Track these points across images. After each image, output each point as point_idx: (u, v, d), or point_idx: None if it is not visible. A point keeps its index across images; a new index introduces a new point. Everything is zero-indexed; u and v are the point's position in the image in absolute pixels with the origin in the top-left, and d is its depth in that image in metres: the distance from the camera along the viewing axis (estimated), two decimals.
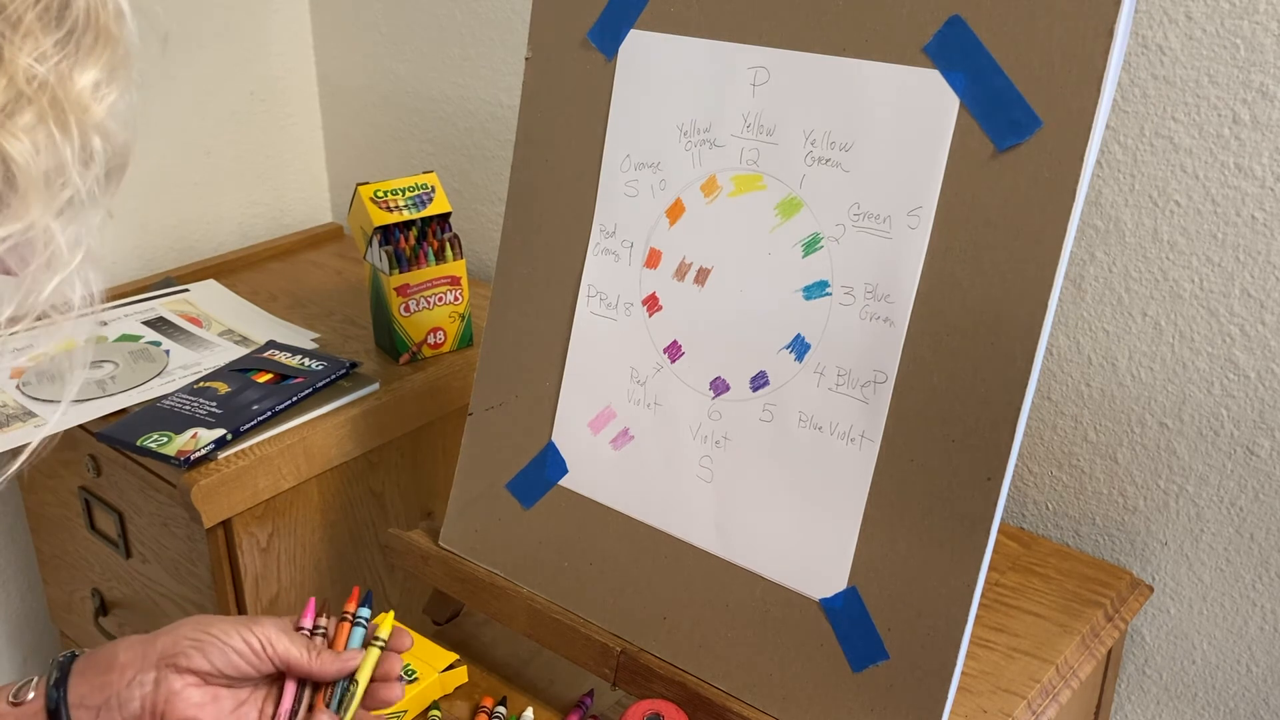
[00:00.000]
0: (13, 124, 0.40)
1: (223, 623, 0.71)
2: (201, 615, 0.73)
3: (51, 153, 0.41)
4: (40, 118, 0.40)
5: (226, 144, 1.54)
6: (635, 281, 0.88)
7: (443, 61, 1.46)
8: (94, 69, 0.42)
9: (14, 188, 0.41)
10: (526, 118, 0.94)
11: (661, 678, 0.84)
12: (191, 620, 0.72)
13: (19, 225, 0.41)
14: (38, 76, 0.40)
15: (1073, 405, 1.03)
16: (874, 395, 0.77)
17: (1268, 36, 0.85)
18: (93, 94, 0.42)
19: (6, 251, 0.42)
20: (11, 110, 0.40)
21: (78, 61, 0.41)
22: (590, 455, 0.90)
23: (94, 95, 0.42)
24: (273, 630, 0.71)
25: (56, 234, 0.43)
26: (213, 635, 0.70)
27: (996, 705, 0.84)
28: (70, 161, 0.42)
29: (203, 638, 0.70)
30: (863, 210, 0.77)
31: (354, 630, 0.74)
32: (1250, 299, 0.91)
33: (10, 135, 0.40)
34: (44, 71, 0.40)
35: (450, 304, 1.23)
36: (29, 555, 1.48)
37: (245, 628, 0.71)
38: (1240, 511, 0.96)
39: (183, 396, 1.13)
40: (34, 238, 0.42)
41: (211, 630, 0.70)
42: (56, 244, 0.43)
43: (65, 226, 0.43)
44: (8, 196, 0.41)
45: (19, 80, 0.39)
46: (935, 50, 0.74)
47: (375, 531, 1.21)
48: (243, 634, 0.70)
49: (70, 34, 0.40)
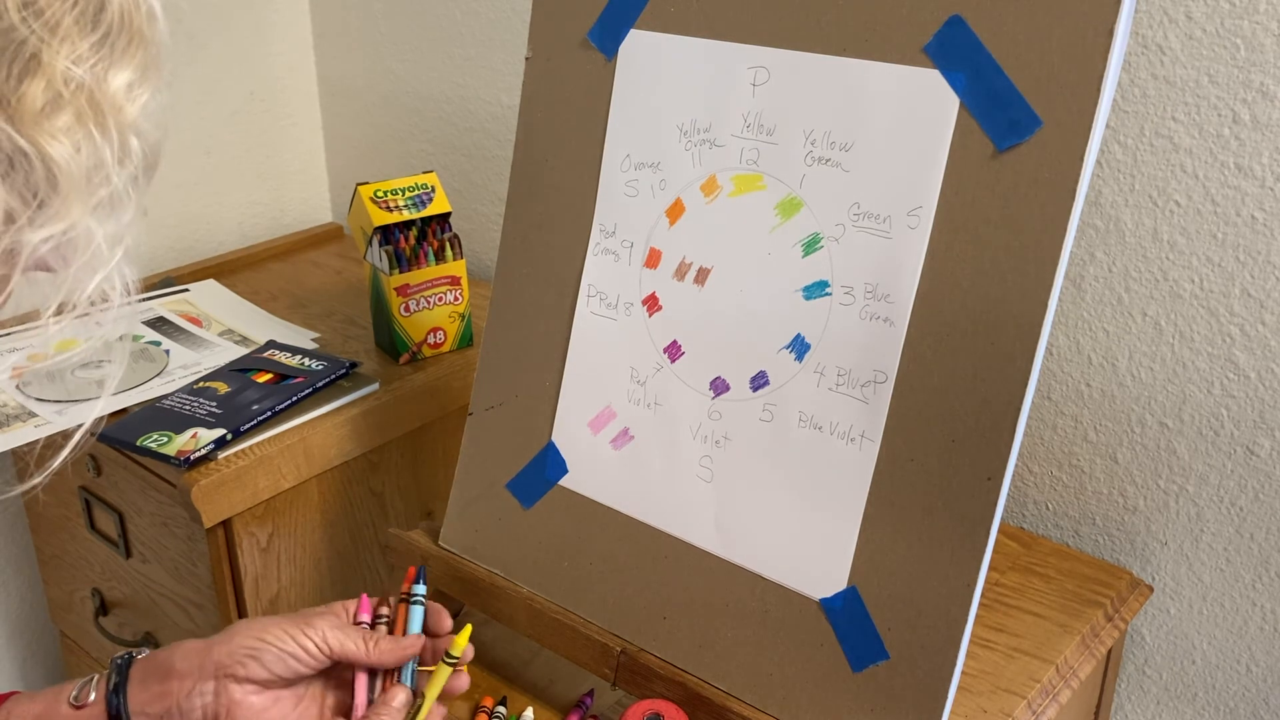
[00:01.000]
0: (52, 125, 0.40)
1: (276, 627, 0.71)
2: (254, 620, 0.73)
3: (90, 152, 0.42)
4: (78, 118, 0.41)
5: (226, 144, 1.54)
6: (635, 281, 0.88)
7: (443, 61, 1.46)
8: (128, 70, 0.42)
9: (55, 188, 0.41)
10: (526, 118, 0.94)
11: (661, 678, 0.84)
12: (245, 626, 0.72)
13: (61, 225, 0.42)
14: (75, 78, 0.40)
15: (1073, 405, 1.03)
16: (874, 395, 0.77)
17: (1268, 36, 0.85)
18: (127, 94, 0.43)
19: (49, 251, 0.43)
20: (50, 111, 0.40)
21: (113, 63, 0.42)
22: (590, 455, 0.90)
23: (128, 95, 0.43)
24: (327, 628, 0.72)
25: (96, 232, 0.44)
26: (268, 643, 0.70)
27: (996, 705, 0.84)
28: (109, 160, 0.43)
29: (258, 646, 0.70)
30: (863, 210, 0.77)
31: (413, 610, 0.74)
32: (1250, 299, 0.91)
33: (50, 136, 0.40)
34: (81, 73, 0.41)
35: (450, 304, 1.23)
36: (29, 555, 1.48)
37: (300, 630, 0.71)
38: (1240, 511, 0.96)
39: (183, 396, 1.13)
40: (75, 237, 0.43)
41: (266, 637, 0.70)
42: (97, 242, 0.44)
43: (104, 224, 0.44)
44: (50, 197, 0.41)
45: (57, 82, 0.40)
46: (935, 50, 0.74)
47: (375, 531, 1.21)
48: (297, 638, 0.71)
49: (105, 37, 0.41)
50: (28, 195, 0.41)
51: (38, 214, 0.41)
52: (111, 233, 0.45)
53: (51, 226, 0.42)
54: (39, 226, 0.42)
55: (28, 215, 0.41)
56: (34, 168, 0.41)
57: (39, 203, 0.41)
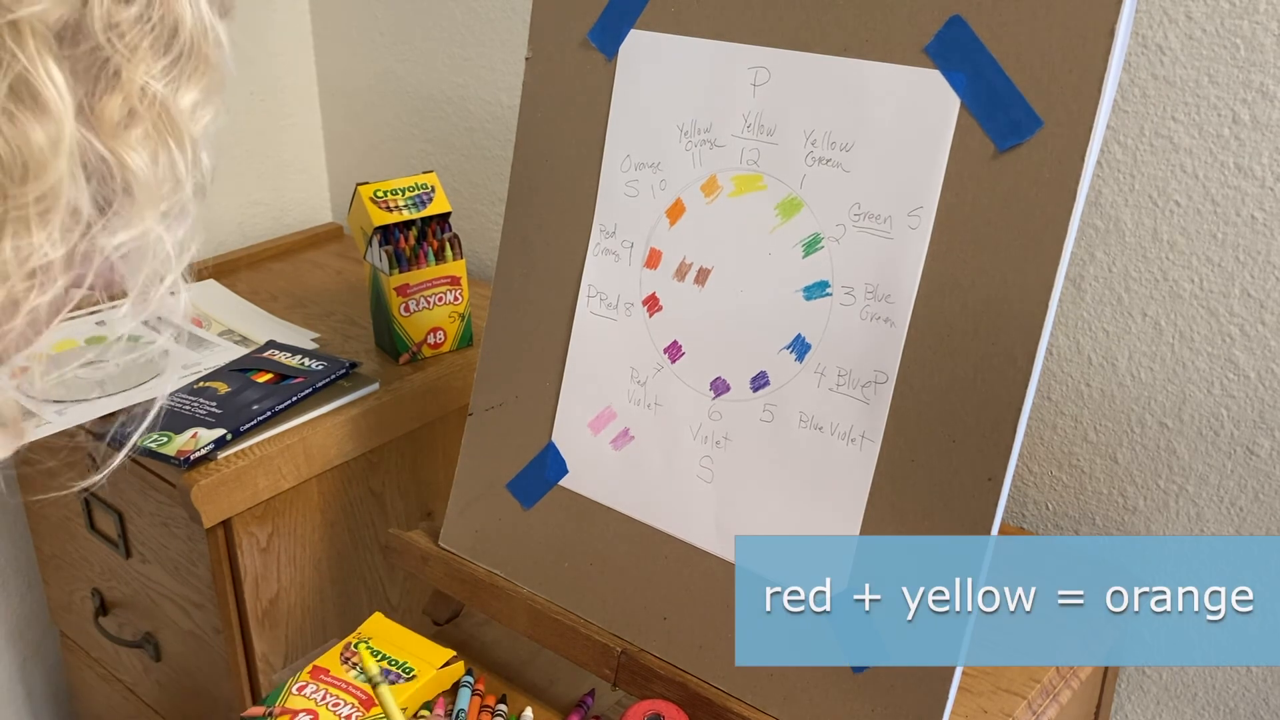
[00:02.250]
0: (129, 136, 0.43)
1: None
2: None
3: (165, 164, 0.45)
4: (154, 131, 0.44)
5: (226, 144, 1.54)
6: (635, 281, 0.88)
7: (443, 61, 1.46)
8: (194, 91, 0.46)
9: (131, 196, 0.44)
10: (526, 118, 0.94)
11: (662, 678, 0.84)
12: None
13: (135, 231, 0.45)
14: (150, 94, 0.44)
15: (1073, 405, 1.03)
16: (874, 395, 0.77)
17: (1268, 36, 0.85)
18: (191, 114, 0.46)
19: (119, 259, 0.46)
20: (128, 124, 0.43)
21: (181, 84, 0.45)
22: (590, 455, 0.90)
23: (192, 115, 0.46)
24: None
25: (166, 240, 0.47)
26: None
27: (997, 705, 0.84)
28: (181, 171, 0.46)
29: None
30: (863, 210, 0.77)
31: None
32: (1250, 299, 0.91)
33: (128, 147, 0.43)
34: (155, 90, 0.44)
35: (450, 304, 1.23)
36: (29, 555, 1.48)
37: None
38: (1240, 511, 0.96)
39: (183, 396, 1.13)
40: (146, 245, 0.46)
41: None
42: (165, 251, 0.47)
43: (171, 234, 0.47)
44: (124, 205, 0.44)
45: (134, 98, 0.43)
46: (936, 50, 0.74)
47: (375, 531, 1.21)
48: None
49: (177, 60, 0.44)
50: (104, 202, 0.44)
51: (113, 220, 0.44)
52: (176, 242, 0.48)
53: (126, 232, 0.44)
54: (114, 232, 0.44)
55: (104, 221, 0.44)
56: (113, 175, 0.43)
57: (115, 210, 0.44)
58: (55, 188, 0.40)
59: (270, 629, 1.14)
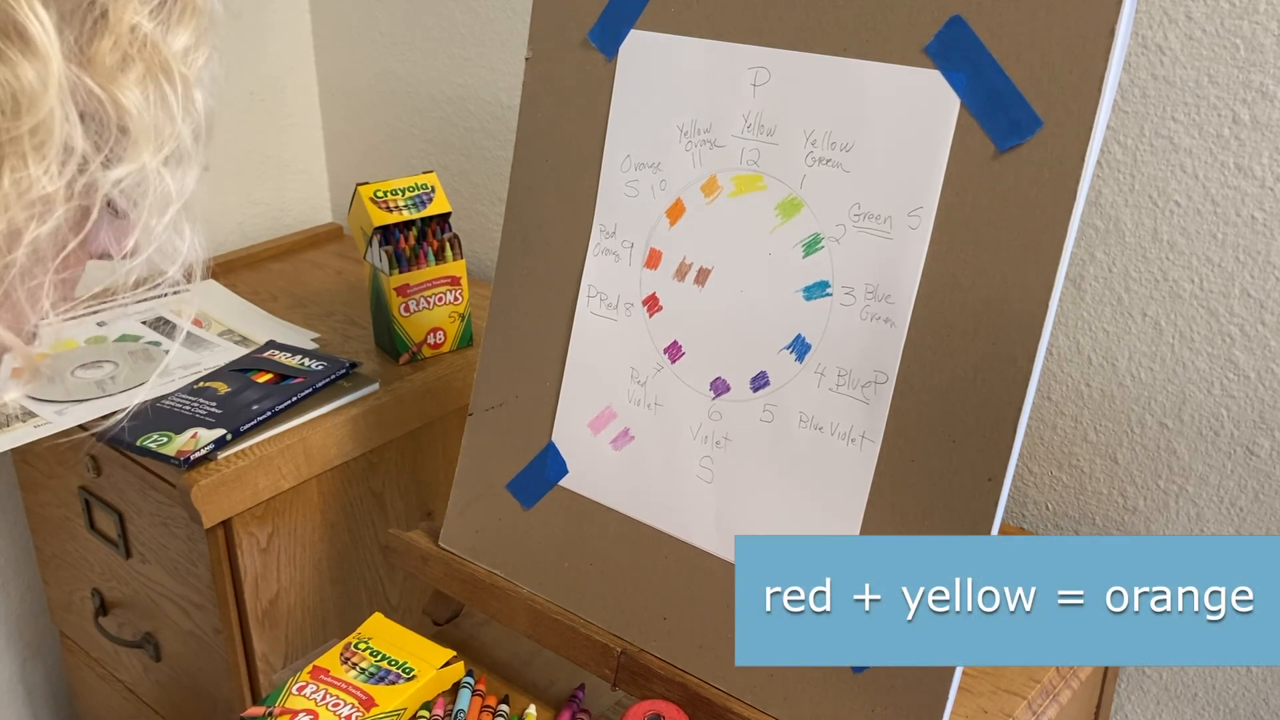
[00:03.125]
0: (125, 78, 0.45)
1: None
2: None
3: (160, 104, 0.46)
4: (148, 72, 0.46)
5: (226, 144, 1.54)
6: (635, 282, 0.88)
7: (443, 61, 1.46)
8: (185, 33, 0.47)
9: (127, 134, 0.46)
10: (526, 118, 0.94)
11: (662, 678, 0.84)
12: None
13: (133, 166, 0.46)
14: (140, 35, 0.45)
15: (1073, 405, 1.03)
16: (874, 396, 0.77)
17: (1268, 36, 0.85)
18: (184, 56, 0.47)
19: (119, 194, 0.47)
20: (122, 66, 0.45)
21: (170, 27, 0.46)
22: (590, 455, 0.90)
23: (185, 58, 0.47)
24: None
25: (166, 178, 0.48)
26: None
27: (997, 705, 0.84)
28: (176, 112, 0.47)
29: None
30: (863, 210, 0.77)
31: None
32: (1250, 299, 0.91)
33: (123, 87, 0.45)
34: (147, 30, 0.45)
35: (450, 304, 1.23)
36: (29, 555, 1.48)
37: None
38: (1240, 512, 0.96)
39: (183, 396, 1.13)
40: (146, 179, 0.47)
41: None
42: (165, 186, 0.48)
43: (172, 173, 0.48)
44: (121, 143, 0.46)
45: (124, 40, 0.45)
46: (936, 50, 0.74)
47: (375, 531, 1.21)
48: None
49: (163, 3, 0.46)
50: (102, 141, 0.45)
51: (111, 156, 0.46)
52: (179, 183, 0.49)
53: (124, 167, 0.46)
54: (112, 167, 0.46)
55: (102, 157, 0.45)
56: (108, 115, 0.45)
57: (111, 146, 0.46)
58: (46, 121, 0.41)
59: (270, 629, 1.14)
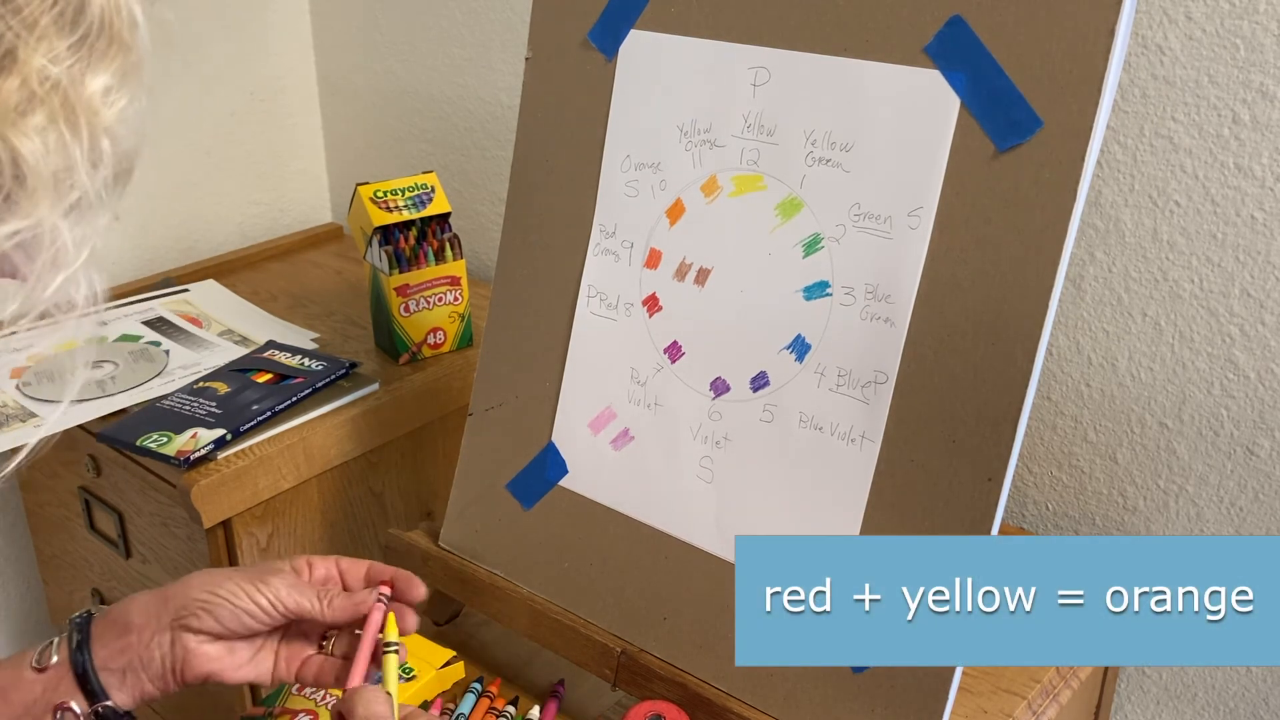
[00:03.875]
0: (25, 123, 0.41)
1: (230, 582, 0.72)
2: (210, 572, 0.73)
3: (61, 153, 0.42)
4: (51, 118, 0.42)
5: (226, 144, 1.54)
6: (635, 282, 0.88)
7: (443, 61, 1.46)
8: (105, 74, 0.43)
9: (23, 185, 0.42)
10: (526, 118, 0.94)
11: (662, 678, 0.84)
12: (200, 578, 0.72)
13: (27, 221, 0.42)
14: (51, 77, 0.41)
15: (1073, 405, 1.03)
16: (874, 396, 0.77)
17: (1268, 36, 0.85)
18: (103, 98, 0.43)
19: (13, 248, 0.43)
20: (24, 110, 0.41)
21: (90, 66, 0.42)
22: (590, 456, 0.90)
23: (104, 100, 0.43)
24: (282, 585, 0.72)
25: (64, 232, 0.44)
26: (221, 598, 0.71)
27: (997, 705, 0.84)
28: (79, 163, 0.43)
29: (211, 600, 0.71)
30: (863, 210, 0.77)
31: None
32: (1250, 299, 0.91)
33: (22, 134, 0.41)
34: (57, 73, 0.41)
35: (450, 304, 1.23)
36: (29, 555, 1.48)
37: (255, 587, 0.71)
38: (1240, 512, 0.96)
39: (183, 396, 1.13)
40: (41, 235, 0.43)
41: (220, 592, 0.71)
42: (63, 242, 0.44)
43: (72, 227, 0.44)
44: (16, 193, 0.42)
45: (32, 81, 0.41)
46: (936, 50, 0.74)
47: (375, 531, 1.21)
48: (252, 594, 0.71)
49: (84, 39, 0.42)
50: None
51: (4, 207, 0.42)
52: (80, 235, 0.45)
53: (17, 221, 0.42)
54: (4, 220, 0.42)
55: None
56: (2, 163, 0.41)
57: (5, 196, 0.42)
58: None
59: None
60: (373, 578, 0.76)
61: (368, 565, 0.77)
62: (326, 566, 0.77)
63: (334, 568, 0.77)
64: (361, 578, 0.76)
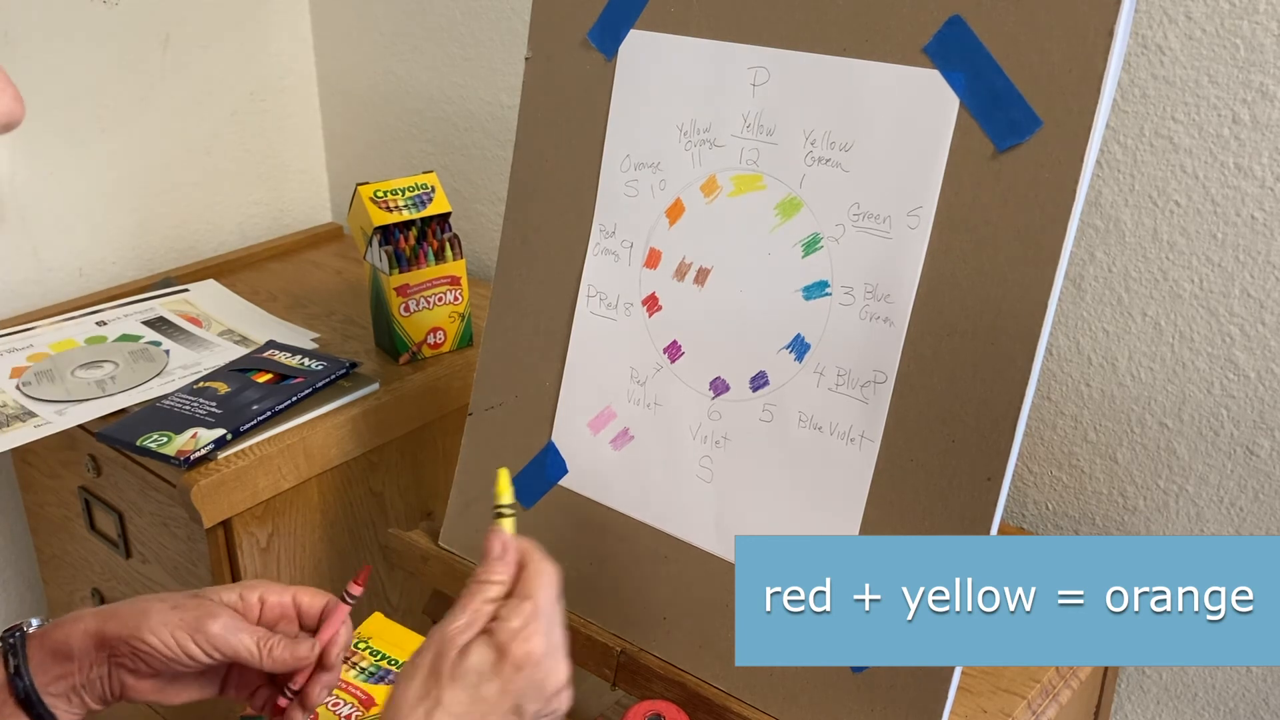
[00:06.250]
0: None
1: (164, 629, 0.69)
2: (147, 608, 0.70)
3: None
4: None
5: (226, 144, 1.54)
6: (635, 281, 0.88)
7: (443, 61, 1.46)
8: None
9: None
10: (526, 118, 0.94)
11: (661, 678, 0.84)
12: (136, 615, 0.70)
13: None
14: None
15: (1073, 405, 1.03)
16: (874, 395, 0.77)
17: (1268, 36, 0.85)
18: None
19: None
20: None
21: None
22: (590, 455, 0.90)
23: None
24: (220, 631, 0.70)
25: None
26: (152, 646, 0.69)
27: (997, 705, 0.84)
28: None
29: (141, 646, 0.69)
30: (863, 210, 0.77)
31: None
32: (1250, 299, 0.91)
33: None
34: None
35: (450, 304, 1.23)
36: (29, 555, 1.48)
37: (186, 634, 0.69)
38: (1240, 512, 0.96)
39: (183, 396, 1.13)
40: None
41: (149, 640, 0.69)
42: None
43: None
44: None
45: None
46: (935, 50, 0.74)
47: (375, 531, 1.21)
48: (183, 643, 0.69)
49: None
50: None
51: None
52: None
53: None
54: None
55: None
56: None
57: None
58: None
59: None
60: (328, 615, 0.74)
61: (326, 600, 0.74)
62: (282, 601, 0.74)
63: (290, 601, 0.74)
64: (318, 614, 0.74)
